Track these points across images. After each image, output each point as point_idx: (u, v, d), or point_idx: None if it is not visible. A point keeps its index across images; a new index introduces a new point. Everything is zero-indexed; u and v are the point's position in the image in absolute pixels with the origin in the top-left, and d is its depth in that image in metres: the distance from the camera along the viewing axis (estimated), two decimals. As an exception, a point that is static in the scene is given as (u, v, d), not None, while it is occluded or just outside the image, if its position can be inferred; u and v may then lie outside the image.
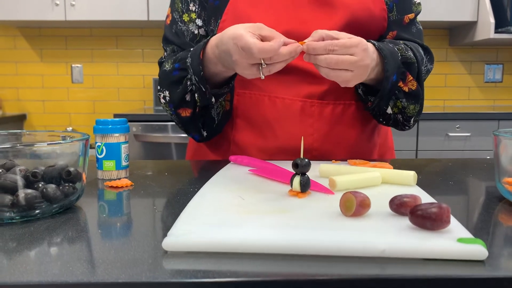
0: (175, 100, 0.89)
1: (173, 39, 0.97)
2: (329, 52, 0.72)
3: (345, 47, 0.72)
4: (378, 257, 0.42)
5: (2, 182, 0.53)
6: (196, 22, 0.95)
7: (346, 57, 0.72)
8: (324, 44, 0.72)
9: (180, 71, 0.88)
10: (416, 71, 0.87)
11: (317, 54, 0.72)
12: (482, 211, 0.59)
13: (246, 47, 0.69)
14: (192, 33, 0.95)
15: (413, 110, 0.89)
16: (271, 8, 0.90)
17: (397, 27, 0.95)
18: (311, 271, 0.40)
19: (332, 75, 0.73)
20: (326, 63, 0.72)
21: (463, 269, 0.40)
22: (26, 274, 0.40)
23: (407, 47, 0.88)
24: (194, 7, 0.95)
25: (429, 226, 0.45)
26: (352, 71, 0.73)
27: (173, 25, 0.97)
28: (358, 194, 0.50)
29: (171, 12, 0.99)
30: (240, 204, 0.56)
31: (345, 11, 0.88)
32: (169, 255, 0.43)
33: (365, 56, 0.73)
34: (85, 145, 0.60)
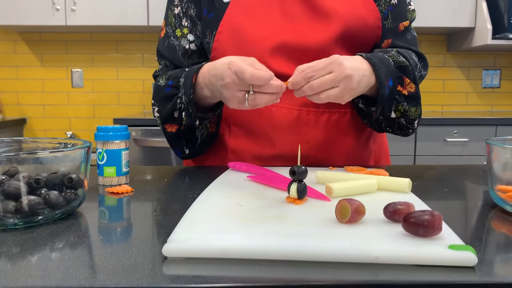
0: (164, 115, 0.92)
1: (165, 53, 0.99)
2: (309, 80, 0.74)
3: (320, 69, 0.74)
4: (372, 263, 0.43)
5: (6, 188, 0.55)
6: (188, 37, 0.97)
7: (325, 77, 0.74)
8: (302, 75, 0.74)
9: (172, 88, 0.91)
10: (412, 74, 0.88)
11: (300, 86, 0.75)
12: (475, 217, 0.61)
13: (239, 71, 0.72)
14: (183, 48, 0.98)
15: (414, 112, 0.90)
16: (266, 19, 0.91)
17: (392, 35, 0.96)
18: (307, 276, 0.41)
19: (322, 97, 0.75)
20: (312, 90, 0.74)
21: (453, 275, 0.41)
22: (30, 279, 0.41)
23: (399, 53, 0.90)
24: (186, 23, 0.97)
25: (421, 233, 0.46)
26: (337, 86, 0.75)
27: (166, 39, 0.99)
28: (353, 201, 0.52)
29: (165, 25, 1.01)
30: (238, 211, 0.57)
31: (339, 22, 0.90)
32: (169, 261, 0.44)
33: (343, 68, 0.74)
34: (87, 152, 0.62)
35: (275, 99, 0.75)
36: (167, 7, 1.01)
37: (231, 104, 0.77)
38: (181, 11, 0.97)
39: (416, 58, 0.96)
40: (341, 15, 0.90)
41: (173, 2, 0.99)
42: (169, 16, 0.99)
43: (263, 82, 0.71)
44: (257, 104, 0.74)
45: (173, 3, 0.99)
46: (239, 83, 0.73)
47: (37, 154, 0.58)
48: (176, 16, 0.98)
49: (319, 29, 0.90)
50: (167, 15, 1.00)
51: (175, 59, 0.98)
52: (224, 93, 0.77)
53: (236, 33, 0.91)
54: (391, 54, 0.88)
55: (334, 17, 0.90)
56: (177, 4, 0.98)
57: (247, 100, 0.74)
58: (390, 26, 0.96)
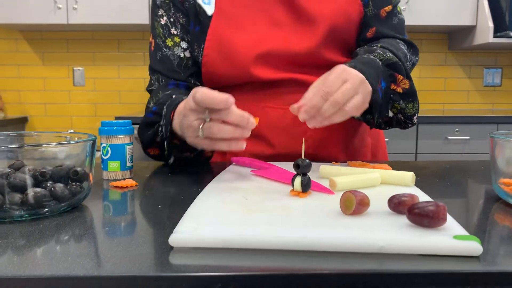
0: (146, 140, 0.89)
1: (158, 66, 0.96)
2: (328, 97, 0.67)
3: (334, 80, 0.68)
4: (377, 253, 0.43)
5: (12, 181, 0.55)
6: (181, 45, 0.95)
7: (344, 86, 0.68)
8: (318, 94, 0.67)
9: (154, 115, 0.87)
10: (403, 69, 0.85)
11: (318, 108, 0.67)
12: (479, 210, 0.61)
13: (193, 93, 0.65)
14: (178, 57, 0.95)
15: (412, 108, 0.88)
16: (252, 28, 0.91)
17: (375, 22, 0.94)
18: (312, 266, 0.41)
19: (348, 109, 0.68)
20: (336, 105, 0.67)
21: (458, 264, 0.42)
22: (38, 268, 0.41)
23: (384, 50, 0.86)
24: (176, 31, 0.95)
25: (426, 224, 0.46)
26: (358, 93, 0.69)
27: (157, 51, 0.96)
28: (357, 193, 0.52)
29: (153, 38, 0.98)
30: (243, 203, 0.57)
31: (325, 23, 0.89)
32: (175, 251, 0.45)
33: (354, 73, 0.70)
34: (92, 146, 0.62)
35: (239, 134, 0.65)
36: (152, 19, 0.98)
37: (187, 135, 0.71)
38: (168, 20, 0.95)
39: (404, 46, 0.94)
40: (326, 16, 0.89)
41: (158, 13, 0.96)
42: (156, 27, 0.97)
43: (217, 104, 0.63)
44: (212, 133, 0.65)
45: (157, 14, 0.96)
46: (195, 109, 0.66)
47: (43, 147, 0.59)
48: (164, 26, 0.95)
49: (305, 33, 0.90)
50: (154, 27, 0.97)
51: (169, 71, 0.95)
52: (183, 124, 0.71)
53: (222, 45, 0.90)
54: (377, 53, 0.84)
55: (319, 19, 0.89)
56: (163, 14, 0.96)
57: (201, 129, 0.66)
58: (372, 13, 0.94)
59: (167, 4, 0.96)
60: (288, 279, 0.40)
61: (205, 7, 0.92)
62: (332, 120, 0.69)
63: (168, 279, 0.40)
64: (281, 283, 0.40)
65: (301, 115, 0.68)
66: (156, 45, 0.97)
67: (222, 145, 0.68)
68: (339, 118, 0.70)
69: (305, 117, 0.68)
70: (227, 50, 0.90)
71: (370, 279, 0.40)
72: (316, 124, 0.69)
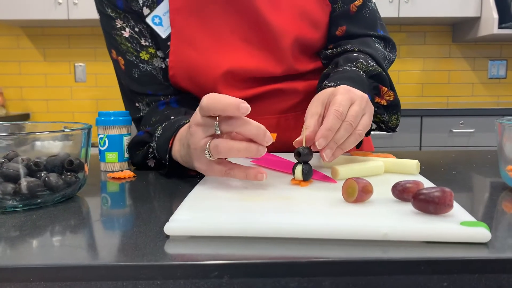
0: (135, 162, 0.79)
1: (142, 88, 0.83)
2: (342, 118, 0.61)
3: (344, 104, 0.62)
4: (380, 240, 0.42)
5: (4, 170, 0.53)
6: (159, 54, 0.84)
7: (353, 108, 0.62)
8: (336, 115, 0.60)
9: (146, 134, 0.77)
10: (387, 80, 0.80)
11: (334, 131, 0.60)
12: (486, 198, 0.59)
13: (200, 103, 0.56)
14: (160, 69, 0.84)
15: (396, 120, 0.81)
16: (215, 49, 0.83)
17: (345, 20, 0.88)
18: (314, 254, 0.39)
19: (359, 133, 0.63)
20: (351, 127, 0.61)
21: (465, 251, 0.40)
22: (30, 258, 0.40)
23: (366, 57, 0.81)
24: (147, 41, 0.83)
25: (432, 210, 0.45)
26: (365, 113, 0.65)
27: (132, 70, 0.83)
28: (360, 180, 0.50)
29: (118, 55, 0.84)
30: (242, 192, 0.55)
31: (290, 38, 0.83)
32: (171, 240, 0.43)
33: (359, 93, 0.65)
34: (87, 135, 0.60)
35: (254, 151, 0.54)
36: (108, 36, 0.85)
37: (195, 158, 0.59)
38: (133, 32, 0.83)
39: (380, 45, 0.89)
40: (290, 31, 0.83)
41: (115, 26, 0.83)
42: (120, 43, 0.83)
43: (226, 109, 0.53)
44: (220, 152, 0.55)
45: (115, 27, 0.83)
46: (202, 122, 0.56)
47: (37, 134, 0.57)
48: (130, 39, 0.83)
49: (272, 52, 0.84)
50: (115, 43, 0.83)
51: (157, 89, 0.83)
52: (191, 145, 0.59)
53: (186, 67, 0.82)
54: (360, 63, 0.79)
55: (284, 34, 0.83)
56: (123, 26, 0.83)
57: (207, 147, 0.56)
58: (340, 9, 0.87)
59: (124, 16, 0.83)
60: (288, 267, 0.38)
61: (157, 29, 0.82)
62: (344, 148, 0.62)
63: (163, 268, 0.38)
64: (281, 272, 0.38)
65: (319, 142, 0.59)
66: (128, 62, 0.83)
67: (238, 172, 0.57)
68: (352, 143, 0.63)
69: (323, 143, 0.59)
70: (192, 72, 0.83)
71: (374, 266, 0.39)
72: (329, 154, 0.60)
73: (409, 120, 2.48)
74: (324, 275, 0.38)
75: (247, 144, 0.54)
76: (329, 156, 0.60)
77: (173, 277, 0.38)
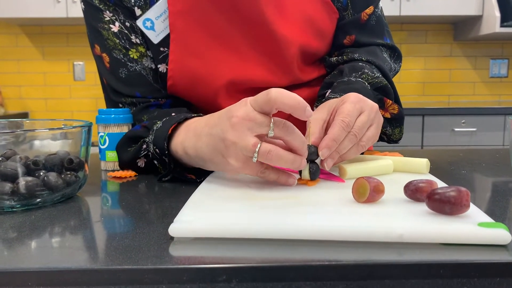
0: (124, 159, 0.72)
1: (128, 89, 0.76)
2: (348, 129, 0.59)
3: (352, 113, 0.59)
4: (395, 242, 0.40)
5: (2, 169, 0.52)
6: (149, 53, 0.78)
7: (360, 119, 0.60)
8: (342, 125, 0.58)
9: (143, 128, 0.71)
10: (392, 92, 0.77)
11: (339, 142, 0.58)
12: (500, 197, 0.57)
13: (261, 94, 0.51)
14: (151, 70, 0.78)
15: (399, 134, 0.78)
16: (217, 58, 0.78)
17: (354, 29, 0.84)
18: (326, 256, 0.38)
19: (363, 144, 0.61)
20: (353, 139, 0.59)
21: (484, 254, 0.38)
22: (27, 261, 0.38)
23: (372, 67, 0.78)
24: (137, 38, 0.77)
25: (447, 211, 0.43)
26: (372, 124, 0.62)
27: (119, 68, 0.76)
28: (371, 179, 0.48)
29: (103, 51, 0.77)
30: (247, 192, 0.54)
31: (295, 48, 0.80)
32: (175, 242, 0.41)
33: (369, 102, 0.62)
34: (88, 133, 0.58)
35: (297, 165, 0.53)
36: (92, 29, 0.78)
37: (230, 155, 0.53)
38: (123, 26, 0.76)
39: (386, 54, 0.87)
40: (294, 39, 0.79)
41: (103, 19, 0.76)
42: (107, 38, 0.76)
43: (296, 108, 0.50)
44: (269, 159, 0.51)
45: (102, 20, 0.76)
46: (254, 118, 0.51)
47: (35, 132, 0.55)
48: (119, 35, 0.76)
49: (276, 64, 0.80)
50: (101, 38, 0.76)
51: (146, 91, 0.77)
52: (227, 139, 0.53)
53: (187, 76, 0.78)
54: (365, 73, 0.76)
55: (289, 45, 0.79)
56: (111, 20, 0.76)
57: (258, 152, 0.51)
58: (350, 17, 0.84)
59: (114, 10, 0.76)
60: (300, 271, 0.36)
61: (148, 33, 0.76)
62: (345, 157, 0.61)
63: (169, 271, 0.36)
64: (292, 275, 0.36)
65: (322, 152, 0.57)
66: (115, 60, 0.76)
67: (272, 174, 0.55)
68: (353, 154, 0.61)
69: (326, 153, 0.57)
70: (193, 82, 0.78)
71: (389, 270, 0.37)
72: (330, 164, 0.59)
73: (410, 119, 2.47)
74: (338, 279, 0.36)
75: (294, 156, 0.53)
76: (330, 166, 0.59)
77: (179, 281, 0.36)
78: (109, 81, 0.78)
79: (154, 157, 0.67)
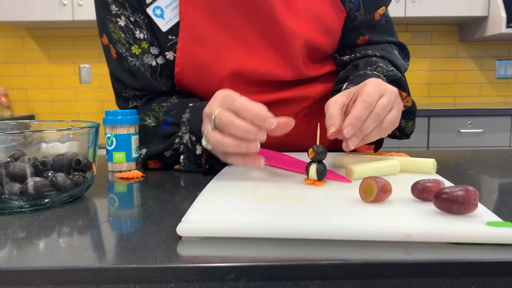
0: (151, 152, 0.76)
1: (132, 82, 0.79)
2: (370, 108, 0.60)
3: (373, 95, 0.60)
4: (403, 242, 0.40)
5: (10, 170, 0.52)
6: (151, 51, 0.79)
7: (381, 100, 0.61)
8: (364, 106, 0.59)
9: (171, 126, 0.74)
10: (406, 86, 0.79)
11: (362, 120, 0.59)
12: (507, 197, 0.57)
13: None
14: (150, 67, 0.79)
15: (412, 127, 0.80)
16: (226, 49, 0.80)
17: (368, 30, 0.85)
18: (334, 255, 0.38)
19: (385, 126, 0.62)
20: (377, 119, 0.60)
21: (493, 253, 0.38)
22: (36, 260, 0.38)
23: (386, 62, 0.80)
24: (142, 33, 0.78)
25: (455, 210, 0.43)
26: (393, 107, 0.63)
27: (122, 62, 0.79)
28: (378, 179, 0.48)
29: (111, 43, 0.79)
30: (254, 192, 0.54)
31: (301, 42, 0.81)
32: (183, 241, 0.41)
33: (389, 87, 0.64)
34: (95, 133, 0.59)
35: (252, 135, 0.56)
36: (101, 19, 0.79)
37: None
38: (128, 21, 0.78)
39: (397, 51, 0.88)
40: (301, 33, 0.80)
41: (110, 11, 0.78)
42: (113, 31, 0.78)
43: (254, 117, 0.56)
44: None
45: (110, 12, 0.78)
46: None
47: (44, 133, 0.56)
48: (125, 29, 0.78)
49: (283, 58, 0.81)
50: (108, 30, 0.78)
51: (145, 84, 0.80)
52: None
53: (194, 65, 0.79)
54: (380, 67, 0.78)
55: (296, 39, 0.80)
56: (118, 13, 0.77)
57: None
58: (363, 17, 0.85)
59: (120, 3, 0.78)
60: (308, 270, 0.36)
61: (157, 21, 0.78)
62: (367, 139, 0.62)
63: (177, 270, 0.36)
64: (300, 274, 0.36)
65: (347, 130, 0.58)
66: (119, 53, 0.79)
67: (237, 159, 0.59)
68: (375, 136, 0.62)
69: (351, 131, 0.58)
70: (199, 70, 0.80)
71: (397, 269, 0.37)
72: (355, 143, 0.59)
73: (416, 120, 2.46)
74: (346, 278, 0.36)
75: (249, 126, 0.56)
76: (354, 144, 0.60)
77: (187, 280, 0.36)
78: (115, 71, 0.81)
79: (186, 149, 0.72)
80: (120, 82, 0.81)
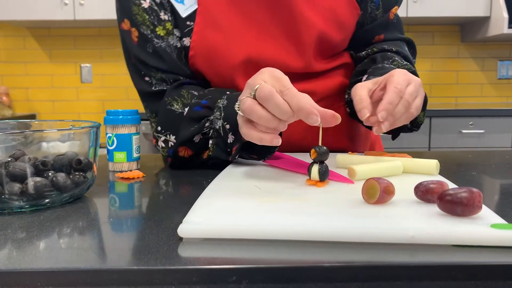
0: (182, 137, 0.74)
1: (156, 63, 0.78)
2: (401, 95, 0.64)
3: (402, 82, 0.64)
4: (407, 244, 0.39)
5: (11, 170, 0.52)
6: (175, 33, 0.79)
7: (409, 88, 0.65)
8: (396, 92, 0.63)
9: (204, 109, 0.74)
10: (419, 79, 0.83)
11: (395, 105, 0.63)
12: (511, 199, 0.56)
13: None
14: (175, 48, 0.79)
15: (423, 117, 0.82)
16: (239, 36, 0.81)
17: (383, 29, 0.89)
18: (337, 257, 0.37)
19: (413, 111, 0.66)
20: (406, 105, 0.64)
21: (497, 256, 0.37)
22: (36, 261, 0.38)
23: (400, 57, 0.84)
24: (166, 15, 0.79)
25: (459, 212, 0.42)
26: (418, 95, 0.67)
27: (146, 43, 0.78)
28: (381, 180, 0.48)
29: (133, 26, 0.79)
30: (256, 193, 0.53)
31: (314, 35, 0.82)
32: (184, 243, 0.41)
33: (414, 76, 0.67)
34: (96, 133, 0.58)
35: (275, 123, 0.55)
36: (124, 2, 0.79)
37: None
38: (154, 3, 0.78)
39: (406, 48, 0.91)
40: (315, 25, 0.81)
41: None
42: (136, 13, 0.78)
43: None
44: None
45: None
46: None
47: (44, 132, 0.55)
48: (149, 11, 0.78)
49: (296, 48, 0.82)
50: (131, 12, 0.78)
51: (170, 67, 0.79)
52: None
53: (208, 50, 0.80)
54: (396, 61, 0.82)
55: (309, 25, 0.81)
56: None
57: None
58: (381, 16, 0.88)
59: None
60: (310, 272, 0.36)
61: (177, 6, 0.79)
62: (396, 124, 0.65)
63: (178, 272, 0.36)
64: (302, 277, 0.36)
65: (381, 114, 0.61)
66: (142, 36, 0.78)
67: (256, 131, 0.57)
68: (404, 121, 0.66)
69: (385, 115, 0.62)
70: (212, 56, 0.80)
71: (401, 271, 0.36)
72: (387, 126, 0.63)
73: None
74: (349, 281, 0.36)
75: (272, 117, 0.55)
76: (386, 128, 0.63)
77: (188, 282, 0.36)
78: (137, 54, 0.79)
79: (217, 134, 0.72)
80: (143, 64, 0.79)
